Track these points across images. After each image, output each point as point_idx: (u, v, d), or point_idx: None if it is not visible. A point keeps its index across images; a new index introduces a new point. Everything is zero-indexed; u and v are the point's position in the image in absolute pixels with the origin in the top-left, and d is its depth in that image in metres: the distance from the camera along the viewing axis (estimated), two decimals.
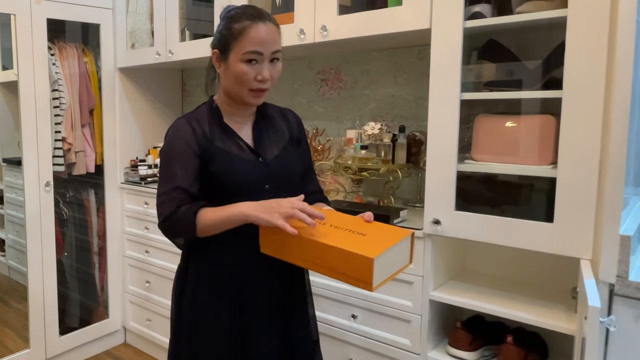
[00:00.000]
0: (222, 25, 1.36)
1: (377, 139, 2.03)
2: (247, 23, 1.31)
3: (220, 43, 1.36)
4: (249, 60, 1.31)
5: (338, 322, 1.91)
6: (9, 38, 2.45)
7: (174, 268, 2.54)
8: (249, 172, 1.38)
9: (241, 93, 1.36)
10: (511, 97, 1.55)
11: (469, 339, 1.65)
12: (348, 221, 1.30)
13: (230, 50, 1.33)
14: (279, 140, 1.47)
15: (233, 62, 1.33)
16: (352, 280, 1.18)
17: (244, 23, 1.32)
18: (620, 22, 1.24)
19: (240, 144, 1.40)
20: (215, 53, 1.38)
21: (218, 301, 1.41)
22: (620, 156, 1.26)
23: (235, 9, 1.37)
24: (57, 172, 2.62)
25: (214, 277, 1.41)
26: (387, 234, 1.23)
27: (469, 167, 1.59)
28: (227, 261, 1.40)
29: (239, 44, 1.31)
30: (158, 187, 1.38)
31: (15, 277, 3.08)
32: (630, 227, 1.36)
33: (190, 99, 3.18)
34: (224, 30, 1.35)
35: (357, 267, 1.15)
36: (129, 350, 2.93)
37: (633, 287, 1.27)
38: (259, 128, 1.45)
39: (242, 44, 1.31)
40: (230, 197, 1.33)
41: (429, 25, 1.61)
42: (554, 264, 1.66)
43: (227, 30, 1.34)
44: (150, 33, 2.71)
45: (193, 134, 1.36)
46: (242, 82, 1.33)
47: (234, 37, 1.32)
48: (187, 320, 1.47)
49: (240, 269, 1.40)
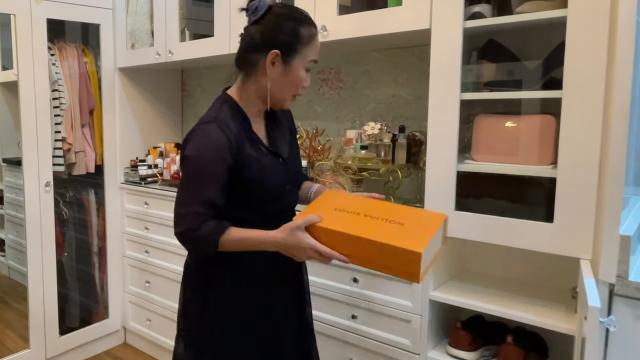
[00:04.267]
0: (288, 26, 1.30)
1: (377, 139, 2.03)
2: (314, 30, 1.32)
3: (285, 45, 1.30)
4: (308, 68, 1.33)
5: (338, 322, 1.91)
6: (9, 38, 2.45)
7: (174, 268, 2.56)
8: (277, 176, 1.38)
9: (284, 96, 1.36)
10: (511, 97, 1.55)
11: (469, 339, 1.65)
12: (375, 208, 1.31)
13: (296, 54, 1.30)
14: (285, 136, 1.48)
15: (296, 67, 1.31)
16: (400, 273, 1.21)
17: (311, 30, 1.31)
18: (620, 22, 1.24)
19: (263, 148, 1.38)
20: (275, 54, 1.30)
21: (249, 301, 1.41)
22: (620, 156, 1.26)
23: (288, 7, 1.34)
24: (57, 172, 2.62)
25: (239, 275, 1.40)
26: (424, 221, 1.26)
27: (469, 167, 1.59)
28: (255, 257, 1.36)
29: (307, 51, 1.31)
30: (180, 194, 1.31)
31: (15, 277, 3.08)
32: (630, 227, 1.37)
33: (190, 99, 3.18)
34: (292, 32, 1.30)
35: (404, 261, 1.17)
36: (129, 350, 2.93)
37: (633, 287, 1.27)
38: (271, 127, 1.44)
39: (310, 50, 1.31)
40: (259, 202, 1.35)
41: (429, 25, 1.61)
42: (554, 264, 1.66)
43: (295, 33, 1.30)
44: (150, 33, 2.71)
45: (228, 143, 1.27)
46: (294, 86, 1.34)
47: (303, 43, 1.30)
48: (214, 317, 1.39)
49: (265, 263, 1.40)
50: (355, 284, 1.85)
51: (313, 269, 1.94)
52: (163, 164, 2.77)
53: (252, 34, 1.33)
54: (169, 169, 2.66)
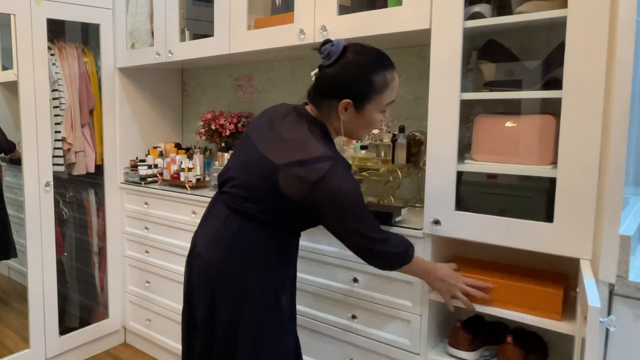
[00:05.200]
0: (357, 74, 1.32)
1: (377, 139, 2.03)
2: (389, 76, 1.32)
3: (357, 94, 1.32)
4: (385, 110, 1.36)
5: (338, 322, 1.91)
6: (9, 38, 2.45)
7: (174, 268, 2.56)
8: None
9: (359, 135, 1.42)
10: (511, 97, 1.55)
11: (469, 339, 1.65)
12: None
13: (370, 101, 1.32)
14: None
15: (371, 113, 1.34)
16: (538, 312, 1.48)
17: (386, 76, 1.32)
18: (620, 22, 1.24)
19: None
20: (347, 103, 1.34)
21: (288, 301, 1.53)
22: (620, 156, 1.26)
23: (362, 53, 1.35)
24: (57, 172, 2.62)
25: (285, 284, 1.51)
26: None
27: (469, 167, 1.59)
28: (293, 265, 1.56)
29: (382, 97, 1.32)
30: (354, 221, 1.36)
31: (15, 277, 3.08)
32: (630, 227, 1.37)
33: (190, 99, 3.18)
34: (363, 81, 1.31)
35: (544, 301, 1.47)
36: (129, 350, 2.93)
37: (633, 287, 1.27)
38: None
39: (384, 97, 1.32)
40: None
41: (429, 25, 1.61)
42: (554, 264, 1.65)
43: (366, 83, 1.32)
44: (150, 33, 2.71)
45: None
46: (369, 127, 1.38)
47: (376, 91, 1.32)
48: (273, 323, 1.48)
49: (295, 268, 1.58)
50: (355, 284, 1.85)
51: (313, 269, 1.94)
52: (163, 164, 2.77)
53: (326, 78, 1.37)
54: (169, 169, 2.66)
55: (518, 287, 1.51)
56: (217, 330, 1.44)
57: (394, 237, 1.46)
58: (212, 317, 1.45)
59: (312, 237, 1.91)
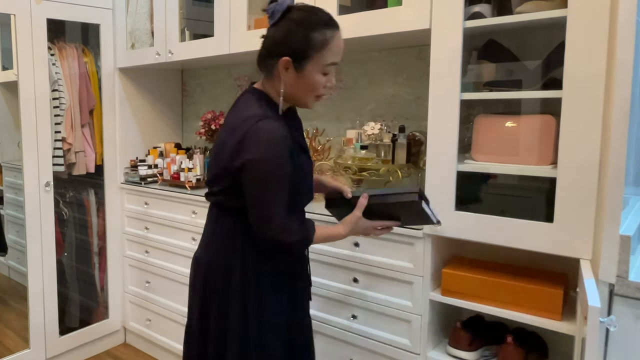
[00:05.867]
0: (296, 31, 1.28)
1: (377, 139, 2.03)
2: (329, 34, 1.27)
3: (296, 52, 1.28)
4: (327, 72, 1.30)
5: (338, 322, 1.91)
6: (9, 38, 2.45)
7: (174, 268, 2.56)
8: (310, 172, 1.44)
9: (306, 99, 1.35)
10: (511, 97, 1.55)
11: (469, 339, 1.65)
12: None
13: (309, 59, 1.28)
14: (301, 131, 1.51)
15: (311, 73, 1.29)
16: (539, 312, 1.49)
17: (325, 33, 1.27)
18: (620, 22, 1.24)
19: (299, 145, 1.40)
20: (287, 61, 1.29)
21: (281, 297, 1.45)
22: (620, 156, 1.26)
23: (304, 11, 1.30)
24: (57, 172, 2.62)
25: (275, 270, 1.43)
26: None
27: (469, 167, 1.59)
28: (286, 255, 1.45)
29: (320, 56, 1.27)
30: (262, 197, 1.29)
31: (15, 277, 3.08)
32: (630, 227, 1.37)
33: (190, 99, 3.18)
34: (302, 38, 1.27)
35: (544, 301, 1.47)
36: (129, 350, 2.93)
37: (633, 287, 1.27)
38: (292, 123, 1.44)
39: (324, 55, 1.27)
40: (299, 197, 1.40)
41: (429, 25, 1.61)
42: (554, 264, 1.65)
43: (305, 40, 1.26)
44: (150, 33, 2.71)
45: (290, 136, 1.30)
46: (314, 90, 1.32)
47: (315, 48, 1.26)
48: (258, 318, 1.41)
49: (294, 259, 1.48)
50: (355, 284, 1.85)
51: (313, 269, 1.94)
52: (163, 164, 2.76)
53: (269, 38, 1.34)
54: (169, 169, 2.66)
55: (518, 287, 1.51)
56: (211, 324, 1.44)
57: (298, 223, 1.36)
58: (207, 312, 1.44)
59: None
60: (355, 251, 1.84)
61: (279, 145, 1.26)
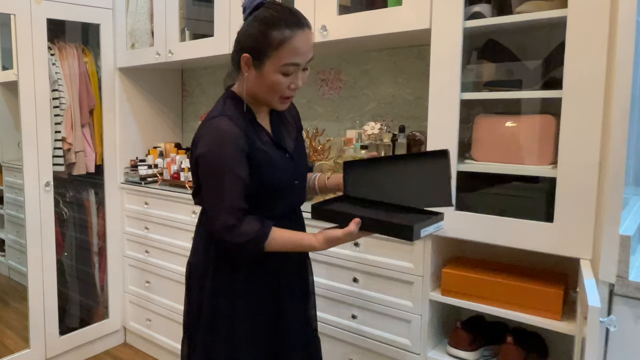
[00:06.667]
0: (256, 28, 1.26)
1: (377, 139, 2.03)
2: (288, 33, 1.23)
3: (255, 49, 1.26)
4: (287, 72, 1.26)
5: (338, 322, 1.91)
6: (9, 38, 2.45)
7: (174, 268, 2.56)
8: (284, 170, 1.37)
9: (270, 99, 1.32)
10: (511, 97, 1.55)
11: (469, 339, 1.65)
12: None
13: (267, 59, 1.25)
14: (291, 132, 1.47)
15: (269, 72, 1.26)
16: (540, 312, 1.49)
17: (284, 32, 1.23)
18: (620, 22, 1.24)
19: (270, 141, 1.37)
20: (247, 58, 1.28)
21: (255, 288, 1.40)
22: (620, 156, 1.26)
23: (271, 9, 1.27)
24: (57, 172, 2.62)
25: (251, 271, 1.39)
26: None
27: (469, 167, 1.59)
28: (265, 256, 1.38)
29: (278, 55, 1.23)
30: (209, 193, 1.31)
31: (15, 277, 3.08)
32: (630, 227, 1.37)
33: (190, 99, 3.18)
34: (260, 36, 1.24)
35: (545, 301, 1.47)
36: (129, 350, 2.93)
37: (633, 287, 1.27)
38: (276, 122, 1.43)
39: (281, 55, 1.23)
40: (266, 198, 1.34)
41: (429, 25, 1.61)
42: (554, 264, 1.65)
43: (263, 37, 1.24)
44: (150, 33, 2.71)
45: (242, 134, 1.28)
46: (275, 91, 1.28)
47: (273, 47, 1.23)
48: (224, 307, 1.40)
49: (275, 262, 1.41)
50: (355, 284, 1.85)
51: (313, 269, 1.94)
52: (163, 164, 2.77)
53: (237, 34, 1.33)
54: (169, 169, 2.66)
55: (518, 287, 1.51)
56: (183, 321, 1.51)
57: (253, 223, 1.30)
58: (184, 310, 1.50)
59: None
60: (355, 251, 1.84)
61: (225, 143, 1.26)
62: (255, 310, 1.40)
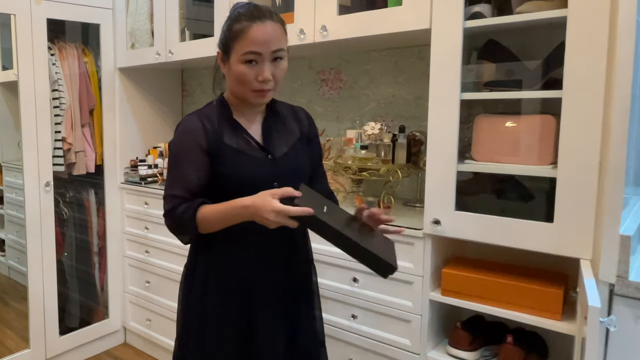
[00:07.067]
0: (225, 25, 1.37)
1: (377, 139, 2.03)
2: (246, 24, 1.31)
3: (223, 44, 1.37)
4: (249, 61, 1.30)
5: (338, 322, 1.91)
6: (9, 38, 2.45)
7: (174, 268, 2.56)
8: (256, 169, 1.38)
9: (245, 93, 1.36)
10: (511, 97, 1.55)
11: (469, 339, 1.65)
12: None
13: (231, 51, 1.33)
14: (289, 138, 1.46)
15: (234, 63, 1.33)
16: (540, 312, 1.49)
17: (243, 24, 1.31)
18: (620, 22, 1.24)
19: (250, 140, 1.40)
20: (219, 54, 1.39)
21: (227, 299, 1.41)
22: (620, 156, 1.26)
23: (238, 8, 1.36)
24: (57, 172, 2.62)
25: (222, 274, 1.41)
26: None
27: (469, 167, 1.59)
28: (236, 259, 1.40)
29: (239, 45, 1.31)
30: (167, 179, 1.42)
31: (15, 277, 3.08)
32: (630, 227, 1.37)
33: (190, 99, 3.18)
34: (226, 31, 1.35)
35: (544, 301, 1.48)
36: (129, 350, 2.93)
37: (633, 287, 1.27)
38: (268, 125, 1.44)
39: (241, 44, 1.31)
40: (237, 195, 1.32)
41: (429, 25, 1.61)
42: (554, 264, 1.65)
43: (228, 31, 1.34)
44: (150, 33, 2.71)
45: (202, 129, 1.35)
46: (243, 82, 1.33)
47: (234, 38, 1.32)
48: (194, 319, 1.45)
49: (248, 266, 1.40)
50: (355, 283, 1.85)
51: None
52: (163, 164, 2.77)
53: None
54: None
55: (518, 287, 1.51)
56: None
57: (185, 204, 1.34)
58: None
59: (312, 237, 1.91)
60: None
61: (182, 137, 1.37)
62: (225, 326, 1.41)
